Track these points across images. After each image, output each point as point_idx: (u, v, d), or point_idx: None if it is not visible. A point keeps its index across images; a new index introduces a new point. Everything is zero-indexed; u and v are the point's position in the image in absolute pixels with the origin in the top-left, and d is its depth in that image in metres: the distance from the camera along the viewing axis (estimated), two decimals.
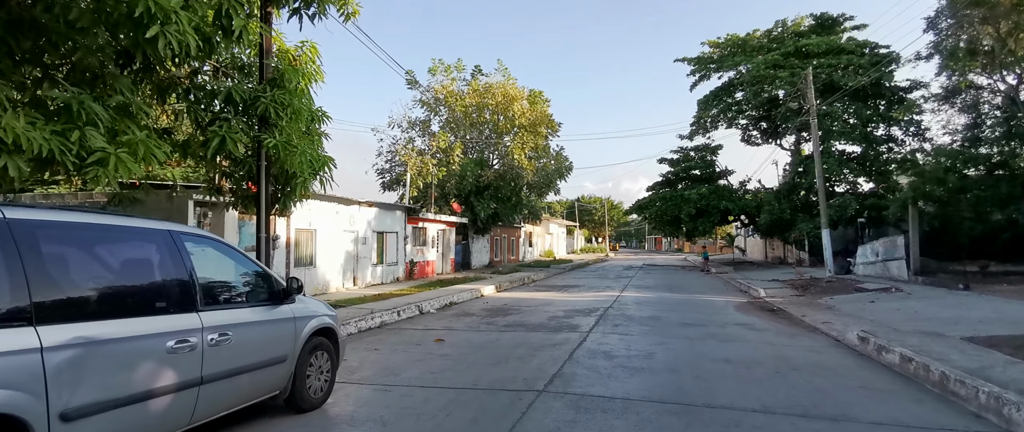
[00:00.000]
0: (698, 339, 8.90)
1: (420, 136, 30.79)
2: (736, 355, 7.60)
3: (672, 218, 34.04)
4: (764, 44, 32.87)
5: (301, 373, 4.89)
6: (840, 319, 10.73)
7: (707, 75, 35.32)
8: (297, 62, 8.86)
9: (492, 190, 29.93)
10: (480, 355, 7.66)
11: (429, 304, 13.05)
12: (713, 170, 36.14)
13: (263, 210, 8.09)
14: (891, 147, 29.23)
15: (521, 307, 13.54)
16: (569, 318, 11.39)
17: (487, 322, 10.94)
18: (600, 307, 13.32)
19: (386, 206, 20.60)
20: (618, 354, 7.64)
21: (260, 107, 7.18)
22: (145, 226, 3.74)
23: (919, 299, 13.32)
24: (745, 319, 11.45)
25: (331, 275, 16.89)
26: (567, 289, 18.93)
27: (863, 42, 29.93)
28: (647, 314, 12.06)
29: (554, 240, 57.77)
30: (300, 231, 15.50)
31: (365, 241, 18.93)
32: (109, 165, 5.37)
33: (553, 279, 24.30)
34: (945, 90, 20.50)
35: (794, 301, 14.25)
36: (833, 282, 17.43)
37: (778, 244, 36.81)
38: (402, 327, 10.43)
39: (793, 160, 32.92)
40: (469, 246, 30.62)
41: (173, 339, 3.51)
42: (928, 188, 16.85)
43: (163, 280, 3.66)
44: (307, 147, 8.19)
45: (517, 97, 29.85)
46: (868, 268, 19.99)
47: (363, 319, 10.16)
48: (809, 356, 7.60)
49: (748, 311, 12.86)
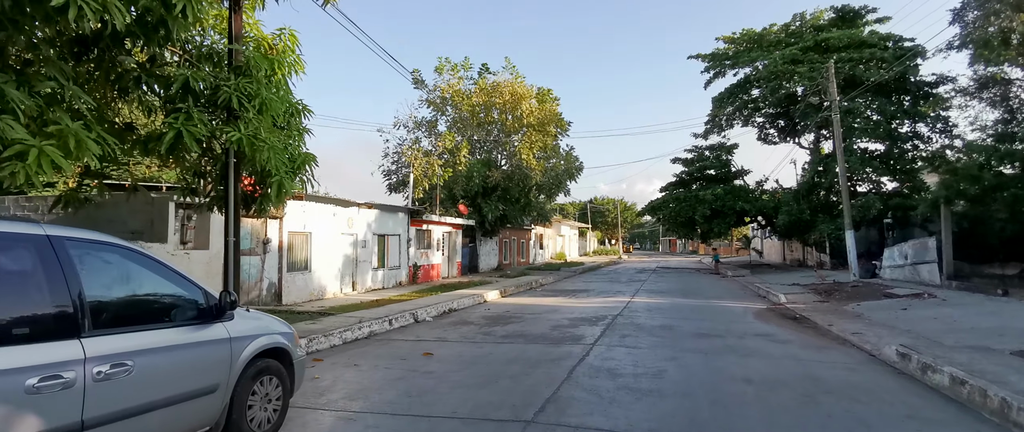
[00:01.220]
0: (714, 353, 8.01)
1: (426, 136, 30.11)
2: (758, 374, 6.71)
3: (686, 219, 33.01)
4: (781, 39, 31.72)
5: (240, 404, 4.11)
6: (872, 329, 9.77)
7: (722, 72, 34.25)
8: (274, 51, 8.14)
9: (500, 191, 29.14)
10: (469, 373, 6.85)
11: (426, 311, 12.27)
12: (729, 170, 35.04)
13: (230, 211, 7.36)
14: (916, 144, 27.96)
15: (524, 314, 12.72)
16: (574, 327, 10.54)
17: (485, 332, 10.12)
18: (608, 315, 12.45)
19: (388, 208, 19.88)
20: (624, 372, 6.79)
21: (222, 96, 6.43)
22: (8, 230, 2.96)
23: (955, 306, 12.30)
24: (766, 328, 10.52)
25: (328, 280, 16.18)
26: (575, 294, 18.06)
27: (886, 35, 28.70)
28: (658, 323, 11.17)
29: (566, 242, 56.82)
30: (294, 234, 14.80)
31: (365, 244, 18.22)
32: (29, 159, 4.64)
33: (562, 283, 23.42)
34: (978, 81, 19.30)
35: (818, 308, 13.26)
36: (859, 287, 16.37)
37: (797, 246, 35.59)
38: (392, 338, 9.65)
39: (812, 158, 31.73)
40: (476, 249, 29.84)
41: (35, 375, 2.73)
42: (962, 186, 15.74)
43: (27, 299, 2.88)
44: (282, 142, 7.46)
45: (525, 95, 29.04)
46: (895, 272, 18.88)
47: (349, 329, 9.39)
48: (843, 376, 6.68)
49: (768, 319, 11.91)
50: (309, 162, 8.40)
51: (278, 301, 14.03)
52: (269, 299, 13.80)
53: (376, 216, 19.01)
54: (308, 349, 8.23)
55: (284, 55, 8.19)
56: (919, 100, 27.94)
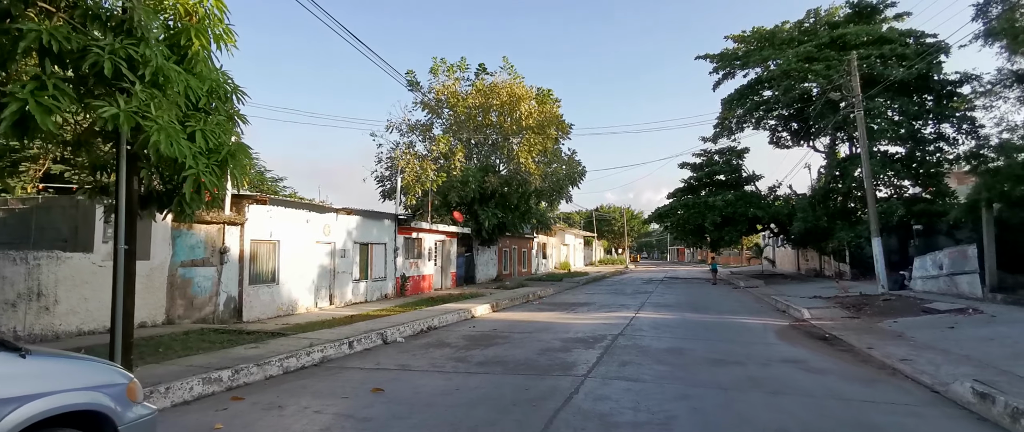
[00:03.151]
0: (736, 389, 6.39)
1: (421, 140, 28.64)
2: (797, 422, 5.09)
3: (695, 227, 31.32)
4: (794, 36, 30.09)
5: None
6: (921, 354, 8.12)
7: (732, 73, 32.70)
8: (193, 19, 6.66)
9: (498, 197, 27.59)
10: (417, 420, 5.27)
11: (399, 330, 10.70)
12: (739, 175, 33.38)
13: (121, 209, 5.85)
14: (941, 146, 26.23)
15: (512, 334, 11.12)
16: (566, 351, 8.94)
17: (459, 357, 8.54)
18: (608, 334, 10.83)
19: (371, 214, 18.35)
20: (621, 419, 5.20)
21: (90, 60, 4.93)
22: None
23: (1009, 323, 10.62)
24: (793, 352, 8.88)
25: (300, 293, 14.65)
26: (574, 308, 16.43)
27: (906, 31, 27.06)
28: (666, 345, 9.55)
29: (571, 251, 55.10)
30: (259, 242, 13.30)
31: (344, 254, 16.69)
32: None
33: (562, 295, 21.79)
34: (1014, 75, 17.59)
35: (849, 325, 11.60)
36: (891, 300, 14.65)
37: (812, 255, 33.78)
38: (346, 365, 8.08)
39: (828, 162, 30.02)
40: (473, 258, 28.26)
41: None
42: (1006, 187, 14.04)
43: None
44: (193, 128, 5.96)
45: (524, 96, 27.52)
46: (929, 283, 17.13)
47: (294, 355, 7.83)
48: (910, 426, 5.06)
49: (794, 339, 10.26)
50: (240, 155, 6.91)
51: (238, 317, 12.51)
52: (228, 315, 12.28)
53: (358, 223, 17.50)
54: (235, 382, 6.69)
55: (209, 24, 6.74)
56: (942, 99, 26.25)
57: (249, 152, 7.30)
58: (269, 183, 26.69)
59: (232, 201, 12.54)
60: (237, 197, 12.62)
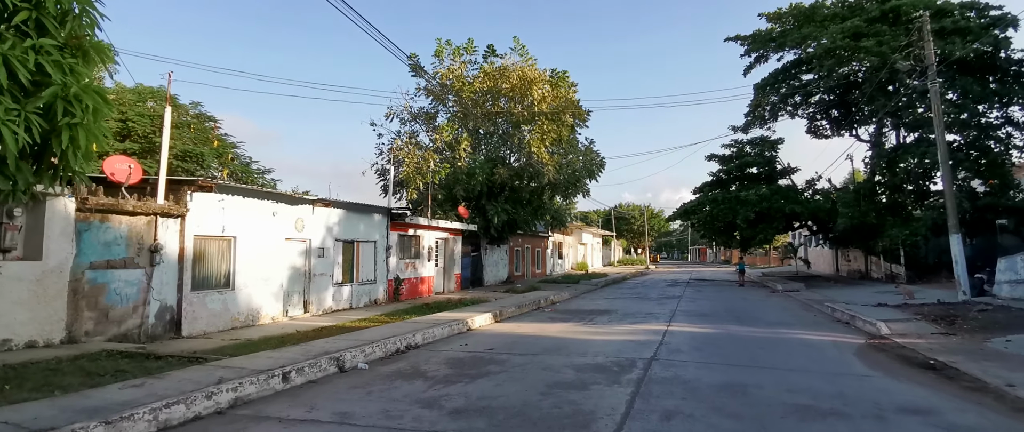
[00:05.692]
0: None
1: (424, 130, 26.24)
2: None
3: (725, 224, 28.52)
4: (838, 12, 27.06)
5: None
6: None
7: (765, 56, 29.74)
8: None
9: (508, 191, 25.10)
10: None
11: (364, 352, 8.25)
12: (773, 167, 30.51)
13: None
14: (1009, 132, 23.18)
15: (512, 355, 8.61)
16: (581, 388, 6.41)
17: (429, 400, 6.05)
18: (637, 358, 8.27)
19: (358, 207, 15.94)
20: None
21: None
22: None
23: None
24: (904, 391, 6.23)
25: (263, 300, 12.29)
26: (592, 318, 13.86)
27: (968, 2, 23.96)
28: (719, 377, 6.95)
29: (588, 251, 52.37)
30: (206, 239, 10.95)
31: (322, 253, 14.31)
32: None
33: (578, 301, 19.21)
34: None
35: (950, 346, 8.89)
36: (989, 311, 11.87)
37: (855, 254, 30.75)
38: (263, 413, 5.63)
39: (875, 153, 27.00)
40: (481, 259, 25.77)
41: None
42: None
43: None
44: None
45: (537, 80, 24.96)
46: (1018, 289, 14.26)
47: (186, 400, 5.39)
48: None
49: (890, 369, 7.59)
50: (87, 100, 4.58)
51: (176, 331, 10.15)
52: (161, 330, 9.92)
53: (341, 217, 15.11)
54: None
55: None
56: (1008, 80, 23.16)
57: (107, 99, 4.94)
58: (254, 175, 24.42)
59: (168, 187, 10.20)
60: (175, 182, 10.30)
